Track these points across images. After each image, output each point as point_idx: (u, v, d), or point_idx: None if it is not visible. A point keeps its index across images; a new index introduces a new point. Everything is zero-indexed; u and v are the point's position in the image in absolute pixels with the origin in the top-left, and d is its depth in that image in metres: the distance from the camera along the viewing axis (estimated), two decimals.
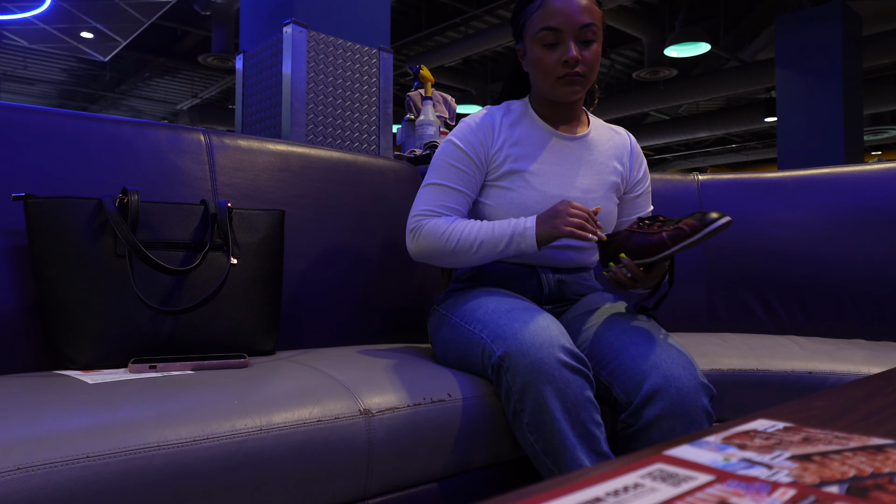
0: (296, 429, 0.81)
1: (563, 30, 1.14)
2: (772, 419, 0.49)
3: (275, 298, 1.21)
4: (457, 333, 1.11)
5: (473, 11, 7.59)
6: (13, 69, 9.60)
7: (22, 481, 0.62)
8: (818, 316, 1.58)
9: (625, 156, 1.30)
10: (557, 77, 1.16)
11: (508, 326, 1.00)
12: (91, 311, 1.01)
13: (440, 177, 1.20)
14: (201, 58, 7.66)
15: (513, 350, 0.96)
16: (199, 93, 10.90)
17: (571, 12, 1.14)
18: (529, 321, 1.00)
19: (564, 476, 0.36)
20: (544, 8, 1.16)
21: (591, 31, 1.15)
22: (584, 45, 1.16)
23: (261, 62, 2.63)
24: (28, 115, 1.12)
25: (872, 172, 1.61)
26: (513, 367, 0.95)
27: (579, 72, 1.16)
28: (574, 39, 1.15)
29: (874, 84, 9.06)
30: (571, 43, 1.14)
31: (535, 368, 0.94)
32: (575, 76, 1.16)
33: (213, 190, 1.29)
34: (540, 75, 1.18)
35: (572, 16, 1.14)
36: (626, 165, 1.30)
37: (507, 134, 1.23)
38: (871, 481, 0.35)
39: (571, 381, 0.94)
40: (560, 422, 0.93)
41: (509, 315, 1.03)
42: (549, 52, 1.16)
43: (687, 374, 0.99)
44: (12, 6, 6.51)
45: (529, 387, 0.94)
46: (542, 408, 0.93)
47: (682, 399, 0.97)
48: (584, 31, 1.15)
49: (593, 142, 1.28)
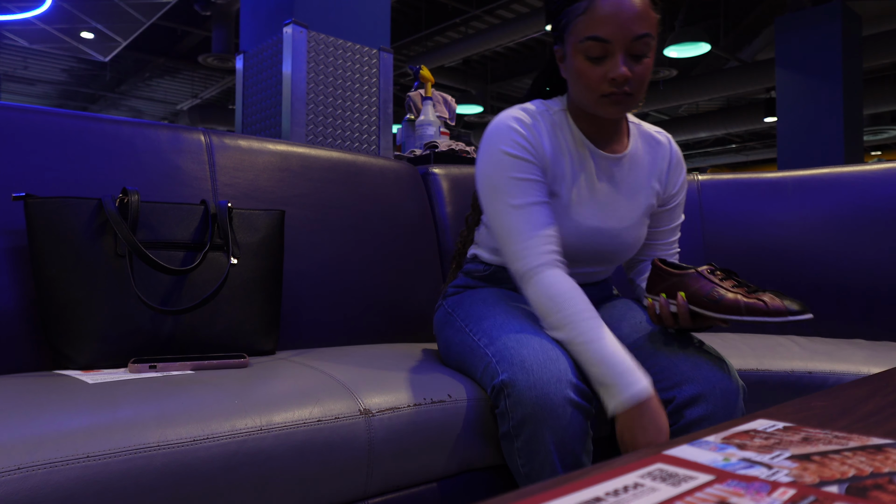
0: (296, 429, 0.81)
1: (613, 41, 0.97)
2: (772, 419, 0.49)
3: (275, 298, 1.21)
4: (460, 339, 1.08)
5: (473, 11, 7.59)
6: (13, 69, 9.60)
7: (22, 481, 0.62)
8: (818, 316, 1.58)
9: (664, 172, 1.18)
10: (601, 94, 1.00)
11: (517, 351, 0.94)
12: (91, 311, 1.01)
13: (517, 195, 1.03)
14: (201, 58, 7.66)
15: (518, 380, 0.91)
16: (199, 93, 10.90)
17: (624, 21, 0.96)
18: (539, 350, 0.93)
19: (564, 476, 0.36)
20: (592, 13, 0.98)
21: (644, 42, 0.98)
22: (634, 60, 0.99)
23: (261, 62, 2.63)
24: (28, 115, 1.12)
25: (872, 172, 1.61)
26: (515, 395, 0.91)
27: (627, 90, 1.00)
28: (625, 53, 0.98)
29: (874, 84, 9.06)
30: (621, 57, 0.98)
31: (538, 404, 0.89)
32: (622, 95, 1.00)
33: (213, 190, 1.29)
34: (581, 89, 1.02)
35: (625, 25, 0.96)
36: (664, 181, 1.18)
37: (551, 150, 1.08)
38: (871, 481, 0.35)
39: (574, 419, 0.90)
40: (552, 454, 0.90)
41: (519, 338, 0.96)
42: (595, 65, 0.99)
43: (729, 377, 0.98)
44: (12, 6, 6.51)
45: (529, 420, 0.90)
46: (538, 440, 0.90)
47: (725, 402, 0.96)
48: (636, 44, 0.98)
49: (633, 159, 1.14)
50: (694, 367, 0.98)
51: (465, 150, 2.20)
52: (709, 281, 0.98)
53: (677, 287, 1.00)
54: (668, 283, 1.02)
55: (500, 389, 0.93)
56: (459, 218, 1.67)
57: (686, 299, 0.98)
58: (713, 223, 1.72)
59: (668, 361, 1.00)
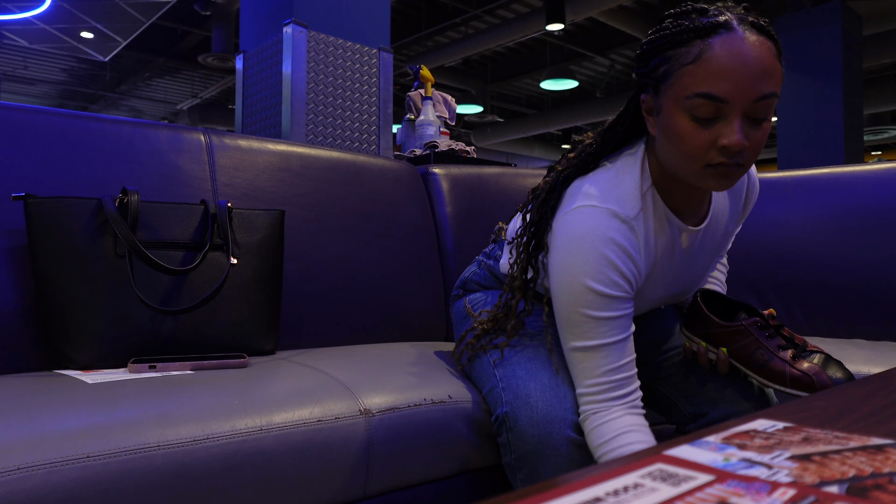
0: (296, 429, 0.81)
1: (731, 101, 0.77)
2: (772, 419, 0.49)
3: (275, 298, 1.21)
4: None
5: (473, 11, 7.59)
6: (13, 69, 9.60)
7: (22, 481, 0.62)
8: (818, 316, 1.58)
9: (739, 211, 1.03)
10: (706, 164, 0.81)
11: (524, 382, 0.91)
12: (91, 311, 1.01)
13: (588, 336, 0.86)
14: (201, 58, 7.66)
15: (521, 416, 0.88)
16: (199, 93, 10.90)
17: (747, 78, 0.76)
18: (547, 384, 0.90)
19: (564, 476, 0.36)
20: (706, 63, 0.77)
21: (768, 104, 0.78)
22: (753, 124, 0.80)
23: (261, 62, 2.63)
24: (28, 115, 1.12)
25: (872, 172, 1.61)
26: (517, 429, 0.89)
27: (740, 162, 0.80)
28: (742, 116, 0.78)
29: (874, 84, 9.06)
30: (738, 122, 0.78)
31: (540, 441, 0.87)
32: (733, 167, 0.80)
33: (213, 190, 1.29)
34: (679, 155, 0.82)
35: (748, 83, 0.76)
36: (740, 216, 1.04)
37: (646, 250, 0.89)
38: (871, 481, 0.35)
39: (575, 457, 0.88)
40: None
41: (528, 368, 0.93)
42: (702, 128, 0.79)
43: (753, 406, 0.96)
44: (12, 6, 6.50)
45: (531, 456, 0.89)
46: (539, 476, 0.89)
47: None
48: (758, 106, 0.78)
49: (715, 218, 0.98)
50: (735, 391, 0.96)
51: (465, 150, 2.20)
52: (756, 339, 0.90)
53: (720, 339, 0.92)
54: (710, 332, 0.93)
55: (502, 421, 0.92)
56: (459, 218, 1.67)
57: (728, 354, 0.91)
58: None
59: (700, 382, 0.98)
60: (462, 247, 1.64)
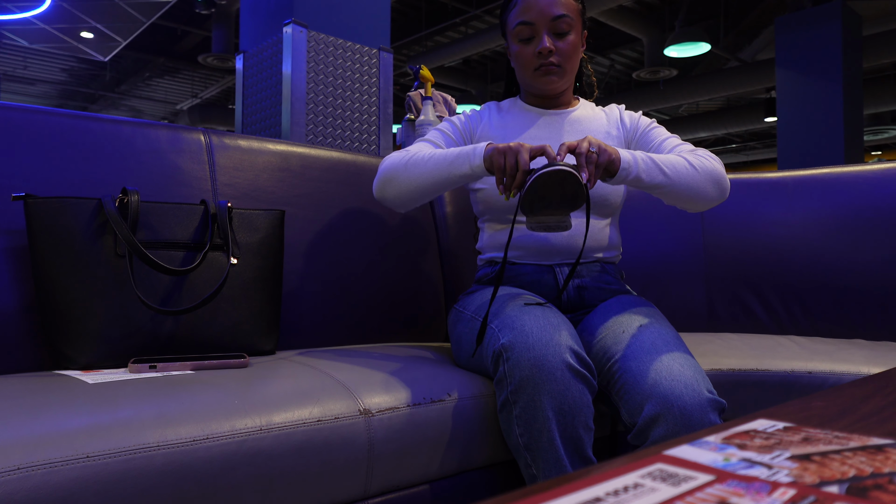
0: (296, 429, 0.81)
1: (536, 23, 1.20)
2: (772, 419, 0.49)
3: (275, 298, 1.21)
4: (469, 327, 1.11)
5: (473, 11, 7.59)
6: (13, 69, 9.60)
7: (22, 481, 0.62)
8: (818, 316, 1.58)
9: (618, 122, 1.31)
10: (534, 69, 1.21)
11: (518, 318, 0.98)
12: (91, 311, 1.01)
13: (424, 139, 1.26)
14: (201, 58, 7.65)
15: (517, 342, 0.94)
16: (199, 93, 10.90)
17: (544, 6, 1.19)
18: (541, 317, 0.98)
19: (564, 476, 0.36)
20: (520, 5, 1.21)
21: (564, 22, 1.19)
22: (558, 37, 1.20)
23: (261, 62, 2.63)
24: (28, 115, 1.12)
25: (872, 172, 1.61)
26: (514, 357, 0.93)
27: (554, 62, 1.20)
28: (548, 31, 1.20)
29: (874, 84, 9.06)
30: (545, 35, 1.19)
31: (536, 365, 0.91)
32: (550, 66, 1.20)
33: (213, 190, 1.29)
34: (520, 69, 1.24)
35: (545, 9, 1.19)
36: (621, 128, 1.30)
37: (497, 119, 1.30)
38: (871, 481, 0.35)
39: (572, 385, 0.91)
40: (550, 422, 0.90)
41: (522, 309, 1.01)
42: (526, 45, 1.21)
43: (689, 392, 0.92)
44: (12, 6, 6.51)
45: (527, 382, 0.91)
46: (536, 405, 0.91)
47: (685, 420, 0.90)
48: (557, 23, 1.19)
49: (581, 115, 1.30)
50: (654, 385, 0.94)
51: None
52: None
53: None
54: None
55: (498, 354, 0.95)
56: (459, 218, 1.67)
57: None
58: (713, 223, 1.72)
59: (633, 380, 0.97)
60: (462, 247, 1.64)
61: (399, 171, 1.15)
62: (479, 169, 1.07)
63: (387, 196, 1.19)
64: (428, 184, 1.13)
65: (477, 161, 1.07)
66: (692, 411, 0.90)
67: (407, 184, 1.15)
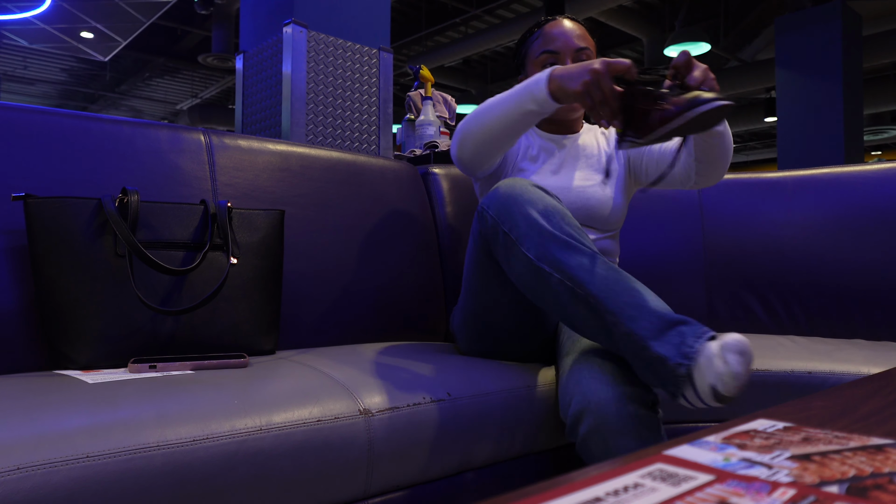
0: (295, 429, 0.81)
1: (561, 52, 1.29)
2: (772, 419, 0.49)
3: (275, 298, 1.21)
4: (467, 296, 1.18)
5: (473, 11, 7.59)
6: (13, 69, 9.60)
7: (21, 481, 0.62)
8: (818, 316, 1.58)
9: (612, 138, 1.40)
10: None
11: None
12: (91, 311, 1.01)
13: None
14: (201, 58, 7.66)
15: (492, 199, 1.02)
16: (199, 93, 10.90)
17: (569, 37, 1.29)
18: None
19: (564, 476, 0.36)
20: (544, 36, 1.31)
21: (585, 54, 1.29)
22: None
23: (261, 62, 2.63)
24: (28, 115, 1.12)
25: (872, 172, 1.61)
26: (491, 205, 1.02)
27: None
28: (571, 61, 1.28)
29: (874, 84, 9.06)
30: (569, 63, 1.26)
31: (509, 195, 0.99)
32: None
33: (213, 190, 1.29)
34: None
35: (569, 40, 1.29)
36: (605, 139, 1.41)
37: (524, 144, 1.37)
38: (871, 481, 0.35)
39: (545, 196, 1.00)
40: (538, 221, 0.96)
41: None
42: None
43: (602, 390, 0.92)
44: (12, 6, 6.51)
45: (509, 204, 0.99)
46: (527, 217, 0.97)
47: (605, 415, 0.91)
48: (579, 55, 1.29)
49: (585, 140, 1.40)
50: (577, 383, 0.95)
51: None
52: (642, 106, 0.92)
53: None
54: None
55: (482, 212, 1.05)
56: (459, 217, 1.67)
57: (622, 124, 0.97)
58: (713, 223, 1.72)
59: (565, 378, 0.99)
60: (462, 247, 1.64)
61: (471, 125, 1.16)
62: (546, 102, 1.06)
63: (464, 155, 1.21)
64: (499, 128, 1.13)
65: (541, 94, 1.06)
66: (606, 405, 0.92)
67: (480, 134, 1.16)
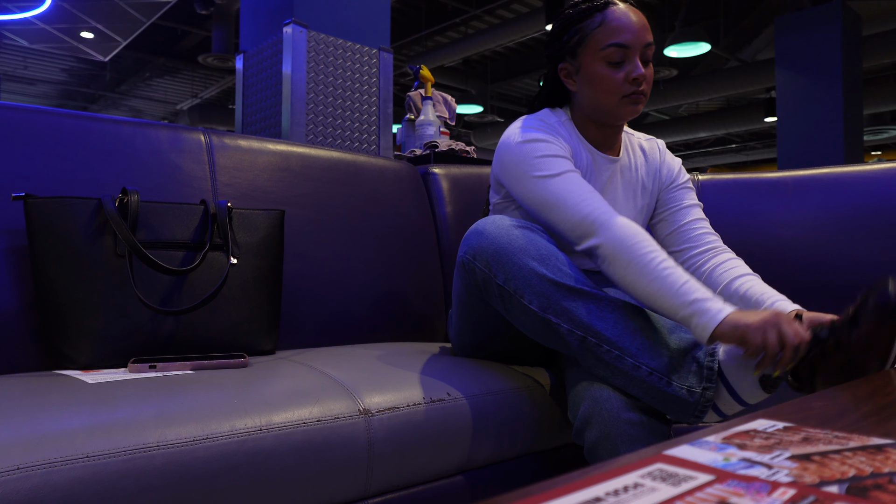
0: (295, 429, 0.81)
1: (632, 47, 1.09)
2: (772, 419, 0.49)
3: (275, 298, 1.21)
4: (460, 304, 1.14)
5: (473, 11, 7.59)
6: (13, 69, 9.59)
7: (21, 481, 0.62)
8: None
9: (657, 171, 1.27)
10: (623, 96, 1.10)
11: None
12: (91, 311, 1.01)
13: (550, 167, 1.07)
14: (201, 58, 7.65)
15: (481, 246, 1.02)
16: (199, 93, 10.89)
17: (639, 29, 1.10)
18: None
19: (564, 476, 0.36)
20: (608, 24, 1.10)
21: (652, 49, 1.12)
22: (645, 65, 1.12)
23: (261, 62, 2.63)
24: (28, 115, 1.12)
25: (872, 172, 1.61)
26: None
27: (643, 90, 1.11)
28: (640, 57, 1.11)
29: (874, 84, 9.06)
30: (638, 60, 1.10)
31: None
32: (640, 95, 1.11)
33: (213, 190, 1.29)
34: (602, 94, 1.12)
35: (640, 33, 1.10)
36: (656, 180, 1.26)
37: (566, 134, 1.18)
38: (871, 481, 0.35)
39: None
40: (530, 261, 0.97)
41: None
42: (615, 69, 1.10)
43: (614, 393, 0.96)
44: (12, 6, 6.51)
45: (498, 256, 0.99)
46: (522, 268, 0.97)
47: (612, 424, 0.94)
48: (647, 50, 1.11)
49: (628, 161, 1.24)
50: (586, 387, 0.97)
51: (465, 150, 2.20)
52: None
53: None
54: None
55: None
56: (459, 217, 1.67)
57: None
58: (713, 223, 1.72)
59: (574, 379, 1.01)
60: None
61: (619, 261, 0.99)
62: (699, 335, 0.91)
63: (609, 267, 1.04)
64: (634, 293, 0.99)
65: (701, 332, 0.90)
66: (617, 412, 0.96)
67: (617, 276, 1.00)
